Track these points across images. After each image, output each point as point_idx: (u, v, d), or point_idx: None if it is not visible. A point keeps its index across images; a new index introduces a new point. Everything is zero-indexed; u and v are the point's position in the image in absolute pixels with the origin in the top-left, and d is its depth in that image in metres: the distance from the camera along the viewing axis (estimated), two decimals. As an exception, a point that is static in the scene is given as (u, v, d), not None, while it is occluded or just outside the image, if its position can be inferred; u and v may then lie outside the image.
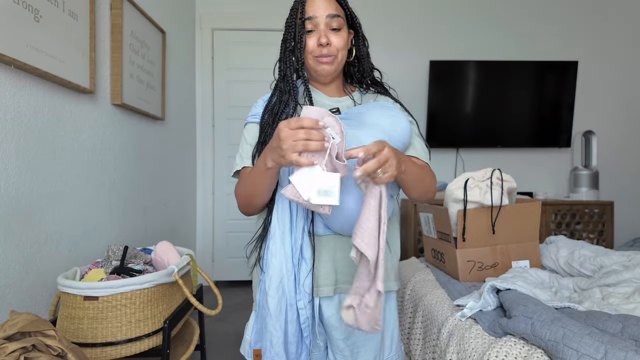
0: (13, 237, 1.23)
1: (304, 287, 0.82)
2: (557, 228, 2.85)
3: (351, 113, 0.87)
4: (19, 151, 1.26)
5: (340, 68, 0.91)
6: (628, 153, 3.27)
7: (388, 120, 0.84)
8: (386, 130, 0.82)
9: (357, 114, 0.86)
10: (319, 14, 0.85)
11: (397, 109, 0.88)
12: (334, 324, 0.87)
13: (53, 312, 1.30)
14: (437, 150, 3.22)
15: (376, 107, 0.87)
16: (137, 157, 2.07)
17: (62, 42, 1.42)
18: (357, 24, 0.92)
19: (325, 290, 0.86)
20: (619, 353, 0.73)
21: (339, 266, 0.87)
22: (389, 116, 0.84)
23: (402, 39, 3.18)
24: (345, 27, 0.89)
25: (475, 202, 1.40)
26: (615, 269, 1.25)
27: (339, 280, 0.87)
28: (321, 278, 0.85)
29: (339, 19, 0.86)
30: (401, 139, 0.84)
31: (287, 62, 0.90)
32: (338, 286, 0.87)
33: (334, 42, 0.86)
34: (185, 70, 2.88)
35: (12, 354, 0.80)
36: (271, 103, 0.91)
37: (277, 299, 0.80)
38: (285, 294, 0.81)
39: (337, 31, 0.86)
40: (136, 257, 1.46)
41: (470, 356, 0.97)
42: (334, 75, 0.91)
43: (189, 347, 1.49)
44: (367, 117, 0.84)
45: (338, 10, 0.87)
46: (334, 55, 0.87)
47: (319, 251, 0.86)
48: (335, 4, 0.87)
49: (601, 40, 3.22)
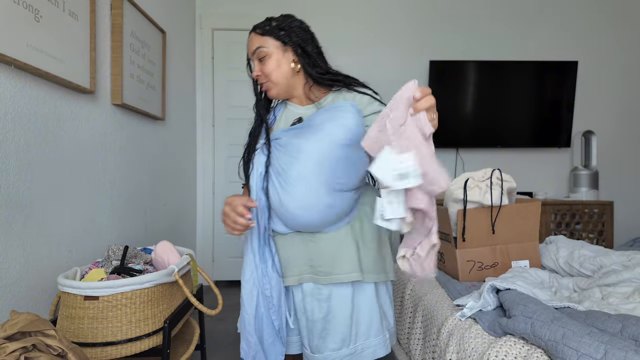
0: (13, 237, 1.24)
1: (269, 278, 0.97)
2: (557, 228, 2.86)
3: (306, 121, 0.97)
4: (19, 151, 1.26)
5: (286, 84, 1.01)
6: (628, 153, 3.27)
7: (329, 123, 0.93)
8: (327, 132, 0.91)
9: (310, 119, 0.96)
10: (250, 52, 1.02)
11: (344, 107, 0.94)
12: (301, 309, 1.00)
13: (53, 312, 1.30)
14: (436, 150, 3.19)
15: (322, 112, 0.96)
16: (138, 157, 2.07)
17: (63, 42, 1.42)
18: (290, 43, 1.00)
19: (291, 280, 0.99)
20: (618, 353, 0.73)
21: (304, 260, 0.99)
22: (330, 119, 0.93)
23: (402, 39, 3.18)
24: (276, 51, 0.99)
25: (475, 202, 1.40)
26: (614, 269, 1.25)
27: (304, 271, 0.99)
28: (288, 269, 1.00)
29: (262, 49, 0.98)
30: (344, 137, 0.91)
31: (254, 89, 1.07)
32: (302, 276, 0.99)
33: (263, 70, 0.99)
34: (186, 70, 2.88)
35: (12, 354, 0.80)
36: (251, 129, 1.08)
37: (248, 288, 0.98)
38: (256, 284, 0.98)
39: (264, 60, 0.99)
40: (136, 257, 1.46)
41: (470, 356, 0.97)
42: (286, 92, 1.03)
43: (189, 346, 1.49)
44: (314, 123, 0.94)
45: (261, 42, 0.99)
46: (267, 81, 1.00)
47: (285, 246, 1.00)
48: (259, 38, 0.99)
49: (601, 40, 3.22)
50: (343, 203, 0.94)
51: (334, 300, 0.97)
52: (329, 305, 0.97)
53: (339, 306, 0.97)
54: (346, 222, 0.98)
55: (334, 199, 0.92)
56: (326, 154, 0.91)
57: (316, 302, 0.97)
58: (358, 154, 0.93)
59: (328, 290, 0.97)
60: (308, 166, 0.91)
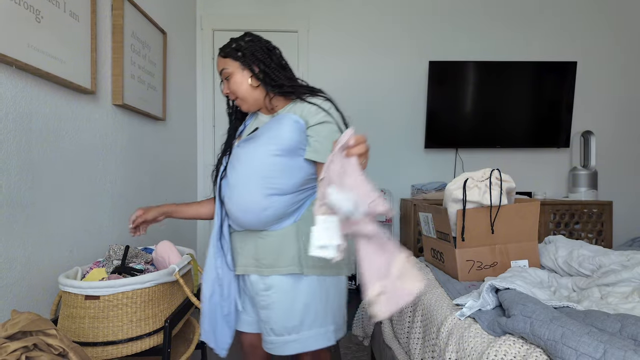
0: (14, 236, 1.24)
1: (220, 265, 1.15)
2: (556, 228, 2.86)
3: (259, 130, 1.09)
4: (20, 151, 1.26)
5: (252, 98, 1.12)
6: (627, 153, 3.28)
7: (265, 134, 1.05)
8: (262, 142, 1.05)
9: (260, 131, 1.08)
10: (218, 74, 1.14)
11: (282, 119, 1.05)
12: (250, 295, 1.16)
13: (54, 312, 1.31)
14: (436, 151, 3.22)
15: (267, 123, 1.08)
16: (138, 157, 2.08)
17: (63, 42, 1.42)
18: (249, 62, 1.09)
19: (239, 269, 1.14)
20: (617, 352, 0.74)
21: (251, 253, 1.11)
22: (267, 130, 1.06)
23: (401, 39, 3.18)
24: (236, 71, 1.10)
25: (474, 202, 1.40)
26: (613, 269, 1.25)
27: (249, 264, 1.12)
28: (237, 260, 1.15)
29: (225, 70, 1.10)
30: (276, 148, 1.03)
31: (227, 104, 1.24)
32: (247, 268, 1.12)
33: (230, 89, 1.11)
34: (186, 71, 2.88)
35: (13, 353, 0.80)
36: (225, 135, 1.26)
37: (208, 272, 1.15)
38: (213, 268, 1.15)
39: (229, 79, 1.10)
40: (137, 256, 1.47)
41: (469, 355, 0.97)
42: (255, 105, 1.14)
43: (190, 346, 1.49)
44: (263, 132, 1.06)
45: (224, 64, 1.10)
46: (236, 97, 1.13)
47: (239, 241, 1.14)
48: (222, 60, 1.11)
49: (600, 40, 3.22)
50: (280, 205, 1.05)
51: (275, 291, 1.08)
52: (270, 295, 1.08)
53: (279, 297, 1.07)
54: (292, 221, 1.08)
55: (270, 202, 1.03)
56: (259, 162, 1.04)
57: (259, 292, 1.10)
58: (292, 161, 1.04)
59: (270, 281, 1.08)
60: (242, 173, 1.06)
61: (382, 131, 3.22)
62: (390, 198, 3.21)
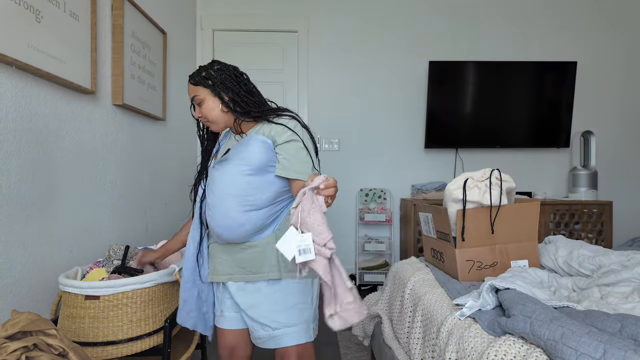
0: (14, 236, 1.24)
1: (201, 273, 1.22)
2: (556, 228, 2.86)
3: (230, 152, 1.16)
4: (20, 151, 1.26)
5: (223, 121, 1.18)
6: (627, 153, 3.28)
7: (236, 156, 1.13)
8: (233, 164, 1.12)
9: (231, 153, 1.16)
10: (190, 99, 1.23)
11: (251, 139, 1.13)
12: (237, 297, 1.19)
13: (54, 312, 1.31)
14: (436, 151, 3.22)
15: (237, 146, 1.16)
16: (138, 157, 2.08)
17: (63, 42, 1.42)
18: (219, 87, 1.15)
19: (222, 277, 1.19)
20: (617, 352, 0.74)
21: (235, 263, 1.18)
22: (236, 153, 1.13)
23: (401, 39, 3.18)
24: (207, 97, 1.15)
25: (474, 202, 1.40)
26: (613, 269, 1.25)
27: (235, 272, 1.18)
28: (219, 268, 1.20)
29: (197, 97, 1.16)
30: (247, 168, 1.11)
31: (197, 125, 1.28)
32: (233, 276, 1.18)
33: (202, 113, 1.17)
34: (186, 71, 2.88)
35: (13, 353, 0.80)
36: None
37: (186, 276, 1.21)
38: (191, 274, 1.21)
39: (201, 104, 1.16)
40: (137, 256, 1.47)
41: (469, 355, 0.97)
42: (225, 126, 1.20)
43: (190, 346, 1.49)
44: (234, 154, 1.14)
45: (196, 91, 1.16)
46: (207, 121, 1.18)
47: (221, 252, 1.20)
48: (193, 88, 1.16)
49: (600, 40, 3.22)
50: (257, 220, 1.13)
51: (258, 293, 1.17)
52: (255, 297, 1.17)
53: (263, 298, 1.17)
54: (272, 231, 1.17)
55: (248, 218, 1.12)
56: (232, 182, 1.12)
57: (246, 294, 1.18)
58: (264, 178, 1.12)
59: (255, 286, 1.17)
60: (219, 194, 1.14)
61: (382, 131, 3.22)
62: (390, 198, 3.21)
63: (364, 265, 3.07)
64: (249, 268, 1.17)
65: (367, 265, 3.07)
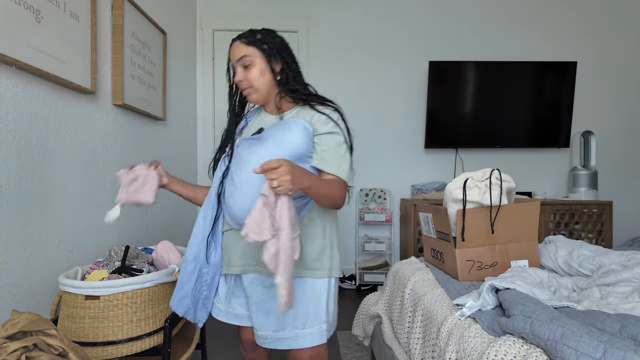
0: (14, 236, 1.24)
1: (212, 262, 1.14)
2: (556, 228, 2.86)
3: (265, 132, 1.08)
4: (20, 151, 1.26)
5: (265, 93, 1.09)
6: (627, 153, 3.28)
7: (273, 139, 1.05)
8: (270, 146, 1.04)
9: (267, 133, 1.07)
10: (232, 59, 1.10)
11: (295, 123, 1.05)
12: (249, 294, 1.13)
13: (54, 312, 1.31)
14: (436, 151, 3.22)
15: (274, 127, 1.07)
16: (138, 157, 2.08)
17: (63, 42, 1.42)
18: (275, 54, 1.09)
19: (234, 269, 1.12)
20: (617, 352, 0.74)
21: (251, 253, 1.09)
22: (274, 135, 1.05)
23: (401, 39, 3.18)
24: (258, 61, 1.07)
25: (474, 202, 1.40)
26: (614, 269, 1.25)
27: (248, 263, 1.11)
28: (232, 259, 1.13)
29: (247, 58, 1.06)
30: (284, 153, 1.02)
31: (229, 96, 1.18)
32: (246, 267, 1.11)
33: (247, 77, 1.07)
34: (186, 71, 2.88)
35: (13, 353, 0.80)
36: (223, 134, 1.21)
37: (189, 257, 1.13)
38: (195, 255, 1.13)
39: (248, 68, 1.07)
40: (138, 257, 1.47)
41: (469, 355, 0.97)
42: (265, 98, 1.11)
43: (190, 346, 1.49)
44: (268, 132, 1.06)
45: (246, 51, 1.07)
46: (250, 87, 1.08)
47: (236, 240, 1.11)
48: (245, 47, 1.07)
49: (600, 40, 3.22)
50: None
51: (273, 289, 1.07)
52: (272, 292, 1.08)
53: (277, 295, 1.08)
54: None
55: None
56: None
57: (261, 288, 1.11)
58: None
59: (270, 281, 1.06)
60: (247, 175, 1.05)
61: (382, 131, 3.22)
62: (390, 198, 3.21)
63: (364, 265, 3.08)
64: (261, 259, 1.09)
65: (367, 265, 3.07)
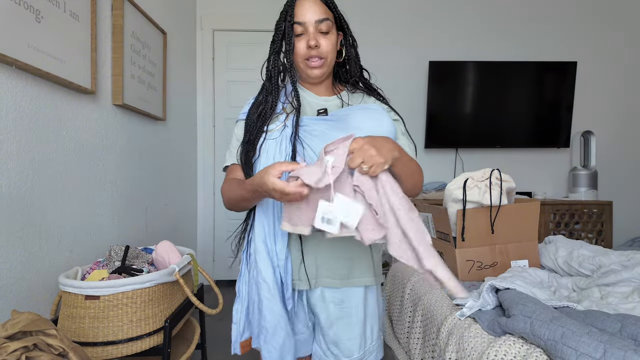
0: (14, 236, 1.24)
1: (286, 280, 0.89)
2: (556, 228, 2.86)
3: (338, 115, 0.90)
4: (20, 151, 1.26)
5: (330, 70, 0.94)
6: (627, 153, 3.28)
7: (371, 122, 0.87)
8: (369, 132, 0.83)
9: (343, 115, 0.89)
10: (307, 18, 0.88)
11: (381, 111, 0.91)
12: (318, 312, 0.93)
13: (54, 312, 1.31)
14: (436, 151, 3.22)
15: (361, 110, 0.90)
16: (138, 157, 2.08)
17: (63, 42, 1.42)
18: (345, 26, 0.95)
19: (305, 283, 0.91)
20: (617, 352, 0.74)
21: (321, 262, 0.91)
22: (372, 119, 0.88)
23: (401, 39, 3.18)
24: (334, 30, 0.91)
25: (474, 202, 1.40)
26: (614, 269, 1.25)
27: (320, 274, 0.91)
28: (303, 273, 0.91)
29: (328, 22, 0.88)
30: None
31: (274, 63, 0.93)
32: (319, 280, 0.92)
33: (322, 45, 0.88)
34: (186, 71, 2.88)
35: (13, 353, 0.80)
36: (257, 102, 0.95)
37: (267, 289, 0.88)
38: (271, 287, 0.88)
39: (326, 35, 0.89)
40: (138, 257, 1.47)
41: (469, 355, 0.97)
42: (324, 77, 0.95)
43: (190, 346, 1.49)
44: (352, 119, 0.88)
45: (327, 13, 0.89)
46: (323, 58, 0.90)
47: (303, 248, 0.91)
48: (324, 8, 0.89)
49: (600, 40, 3.22)
50: None
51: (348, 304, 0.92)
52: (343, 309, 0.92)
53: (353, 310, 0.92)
54: None
55: None
56: None
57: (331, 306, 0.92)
58: None
59: (342, 293, 0.92)
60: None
61: (382, 131, 3.21)
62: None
63: (364, 265, 3.07)
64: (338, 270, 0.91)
65: (367, 265, 3.07)
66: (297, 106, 0.90)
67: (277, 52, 0.93)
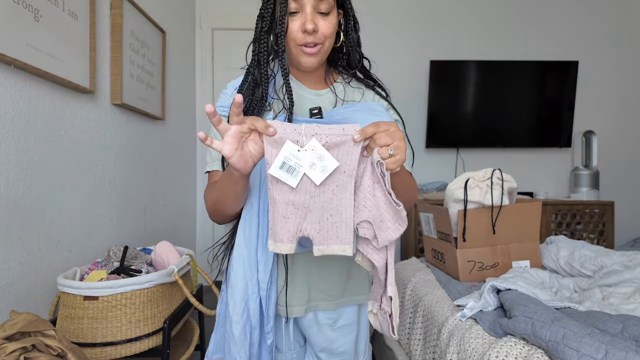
0: (13, 237, 1.23)
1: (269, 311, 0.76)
2: (558, 228, 2.85)
3: (334, 117, 0.77)
4: (19, 151, 1.26)
5: (326, 57, 0.80)
6: (629, 153, 3.27)
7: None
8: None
9: (341, 119, 0.77)
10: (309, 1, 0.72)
11: (383, 111, 0.81)
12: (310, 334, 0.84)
13: (53, 312, 1.30)
14: (437, 150, 3.21)
15: (361, 111, 0.79)
16: (137, 156, 2.07)
17: (62, 41, 1.42)
18: (348, 4, 0.78)
19: (297, 310, 0.80)
20: (619, 353, 0.73)
21: (313, 284, 0.81)
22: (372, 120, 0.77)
23: (402, 38, 3.17)
24: (335, 10, 0.75)
25: (475, 202, 1.40)
26: (615, 269, 1.25)
27: (313, 297, 0.81)
28: (294, 298, 0.80)
29: (329, 3, 0.73)
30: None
31: (262, 45, 0.76)
32: (311, 304, 0.82)
33: (321, 28, 0.73)
34: (185, 70, 2.88)
35: (12, 354, 0.80)
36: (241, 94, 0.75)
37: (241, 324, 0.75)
38: (250, 317, 0.76)
39: (326, 15, 0.73)
40: (137, 257, 1.46)
41: (470, 356, 0.97)
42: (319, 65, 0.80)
43: (189, 347, 1.49)
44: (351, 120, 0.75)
45: None
46: (320, 44, 0.75)
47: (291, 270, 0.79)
48: None
49: (601, 40, 3.21)
50: None
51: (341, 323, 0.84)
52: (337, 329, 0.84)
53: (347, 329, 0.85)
54: None
55: None
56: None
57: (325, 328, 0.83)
58: None
59: (337, 314, 0.83)
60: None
61: (382, 131, 3.20)
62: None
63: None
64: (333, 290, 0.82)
65: (367, 265, 3.06)
66: (289, 106, 0.74)
67: (266, 31, 0.76)
